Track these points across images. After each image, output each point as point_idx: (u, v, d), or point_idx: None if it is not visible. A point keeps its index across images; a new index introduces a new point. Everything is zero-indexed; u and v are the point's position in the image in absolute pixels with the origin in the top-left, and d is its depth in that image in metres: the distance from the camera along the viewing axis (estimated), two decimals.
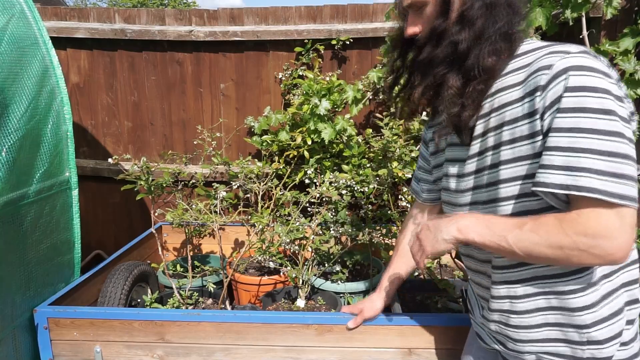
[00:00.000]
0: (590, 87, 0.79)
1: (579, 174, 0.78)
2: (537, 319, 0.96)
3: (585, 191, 0.77)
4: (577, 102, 0.80)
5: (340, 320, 1.57)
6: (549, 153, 0.82)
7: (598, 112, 0.78)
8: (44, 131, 1.81)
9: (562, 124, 0.81)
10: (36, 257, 1.77)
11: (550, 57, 0.86)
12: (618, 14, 2.01)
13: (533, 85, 0.87)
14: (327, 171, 2.43)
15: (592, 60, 0.82)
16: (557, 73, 0.82)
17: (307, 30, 2.68)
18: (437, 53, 0.95)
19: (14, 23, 1.69)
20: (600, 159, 0.77)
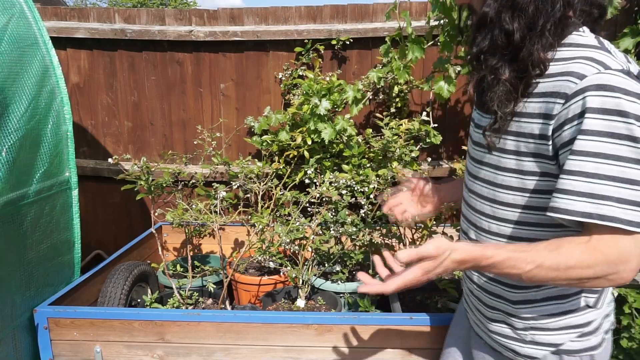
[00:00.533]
0: (621, 111, 0.76)
1: (603, 202, 0.77)
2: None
3: (608, 220, 0.76)
4: (604, 126, 0.77)
5: (340, 320, 1.57)
6: (570, 177, 0.79)
7: (625, 139, 0.76)
8: (44, 131, 1.81)
9: (587, 147, 0.78)
10: (36, 257, 1.77)
11: (586, 64, 0.81)
12: (618, 14, 2.01)
13: (558, 87, 0.83)
14: (327, 171, 2.43)
15: (628, 81, 0.78)
16: (587, 87, 0.79)
17: (307, 30, 2.68)
18: (488, 44, 0.89)
19: (14, 23, 1.69)
20: (623, 187, 0.76)
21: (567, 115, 0.81)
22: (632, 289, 2.40)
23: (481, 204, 1.03)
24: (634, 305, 2.34)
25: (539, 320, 0.99)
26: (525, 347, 1.01)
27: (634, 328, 2.33)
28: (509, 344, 1.04)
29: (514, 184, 0.93)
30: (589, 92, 0.78)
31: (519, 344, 1.02)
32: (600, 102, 0.77)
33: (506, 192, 0.95)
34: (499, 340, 1.05)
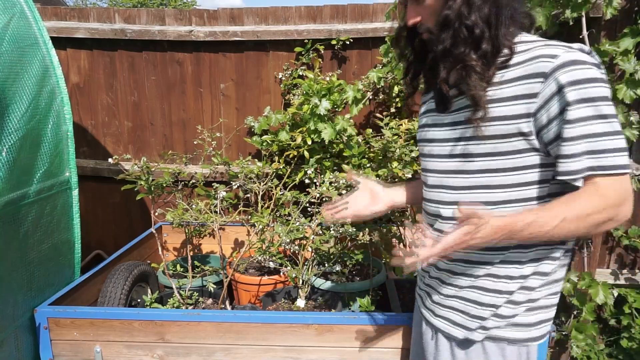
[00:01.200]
0: (594, 78, 0.90)
1: (602, 155, 0.90)
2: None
3: (608, 169, 0.89)
4: (585, 94, 0.90)
5: (340, 320, 1.57)
6: (570, 143, 0.91)
7: (603, 100, 0.90)
8: (44, 131, 1.81)
9: (576, 115, 0.90)
10: (37, 257, 1.77)
11: (553, 47, 0.95)
12: (618, 14, 2.01)
13: (532, 70, 0.95)
14: (327, 171, 2.43)
15: (588, 55, 0.93)
16: (562, 63, 0.91)
17: (307, 30, 2.68)
18: (451, 37, 0.99)
19: (14, 23, 1.69)
20: (613, 139, 0.90)
21: (552, 90, 0.92)
22: (632, 289, 2.41)
23: (450, 195, 1.10)
24: (634, 305, 2.34)
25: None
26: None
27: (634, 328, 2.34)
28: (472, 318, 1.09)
29: (492, 166, 1.01)
30: (566, 67, 0.91)
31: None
32: (577, 75, 0.90)
33: (481, 176, 1.03)
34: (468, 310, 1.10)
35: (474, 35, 0.98)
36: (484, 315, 1.07)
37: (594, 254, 2.37)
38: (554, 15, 2.03)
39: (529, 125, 0.96)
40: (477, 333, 1.08)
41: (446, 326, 1.14)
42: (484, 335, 1.08)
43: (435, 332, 1.17)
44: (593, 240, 2.35)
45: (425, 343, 1.22)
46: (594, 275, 2.33)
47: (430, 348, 1.19)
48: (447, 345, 1.14)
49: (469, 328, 1.09)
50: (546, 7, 1.98)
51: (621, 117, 2.02)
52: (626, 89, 1.96)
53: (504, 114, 0.98)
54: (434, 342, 1.18)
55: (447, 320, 1.14)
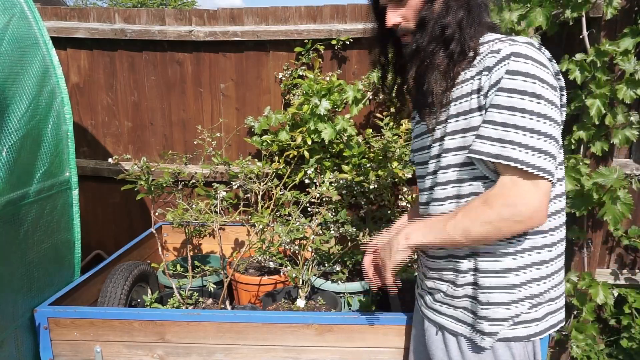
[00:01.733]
0: (527, 73, 0.93)
1: (507, 146, 0.92)
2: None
3: (510, 160, 0.91)
4: (514, 85, 0.93)
5: (340, 320, 1.57)
6: (486, 126, 0.96)
7: (530, 96, 0.92)
8: (44, 131, 1.81)
9: (500, 102, 0.94)
10: (37, 257, 1.77)
11: (499, 43, 1.00)
12: (618, 14, 2.01)
13: (482, 66, 1.00)
14: (327, 171, 2.43)
15: (533, 51, 0.96)
16: (503, 57, 0.95)
17: (307, 30, 2.68)
18: (426, 36, 1.05)
19: (14, 23, 1.69)
20: (527, 135, 0.91)
21: (491, 82, 0.96)
22: (632, 289, 2.41)
23: (430, 192, 1.16)
24: (634, 305, 2.35)
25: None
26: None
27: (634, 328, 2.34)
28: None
29: (459, 161, 1.05)
30: (506, 60, 0.95)
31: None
32: (514, 66, 0.93)
33: (451, 170, 1.08)
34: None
35: (445, 35, 1.03)
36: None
37: (594, 254, 2.37)
38: (554, 15, 2.03)
39: (480, 119, 1.00)
40: (480, 337, 1.08)
41: (451, 323, 1.13)
42: (491, 340, 1.07)
43: (440, 329, 1.18)
44: (593, 240, 2.35)
45: (429, 340, 1.21)
46: (594, 275, 2.33)
47: (437, 344, 1.19)
48: (454, 341, 1.14)
49: (474, 328, 1.09)
50: (546, 7, 1.98)
51: (621, 117, 2.02)
52: (626, 89, 1.96)
53: (466, 109, 1.03)
54: (440, 338, 1.18)
55: (451, 318, 1.14)
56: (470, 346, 1.10)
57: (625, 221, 2.33)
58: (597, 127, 2.07)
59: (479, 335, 1.07)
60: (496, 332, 1.06)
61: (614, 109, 2.03)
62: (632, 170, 2.28)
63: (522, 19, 2.02)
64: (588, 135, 2.07)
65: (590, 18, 2.08)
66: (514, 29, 2.04)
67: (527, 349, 1.08)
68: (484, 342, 1.06)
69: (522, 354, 1.08)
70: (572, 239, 2.30)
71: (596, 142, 2.08)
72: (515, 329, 1.06)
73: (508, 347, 1.07)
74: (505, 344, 1.07)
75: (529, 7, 2.01)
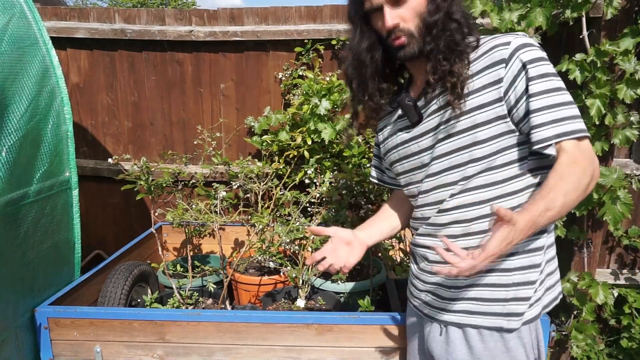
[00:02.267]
0: (543, 57, 1.02)
1: (563, 123, 0.99)
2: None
3: (573, 134, 0.98)
4: (540, 70, 1.00)
5: (340, 320, 1.57)
6: (537, 114, 1.00)
7: (554, 75, 1.02)
8: (44, 131, 1.81)
9: (537, 89, 1.00)
10: (37, 257, 1.77)
11: (503, 37, 1.06)
12: (618, 14, 2.01)
13: (493, 59, 1.05)
14: (327, 171, 2.43)
15: (532, 40, 1.06)
16: (516, 48, 1.02)
17: (307, 30, 2.68)
18: (443, 32, 1.06)
19: (14, 23, 1.69)
20: (569, 108, 1.00)
21: (514, 73, 1.02)
22: (632, 289, 2.41)
23: (437, 194, 1.15)
24: (634, 305, 2.34)
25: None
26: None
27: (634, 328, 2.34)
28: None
29: (476, 155, 1.07)
30: (520, 50, 1.02)
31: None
32: (530, 55, 1.01)
33: (469, 166, 1.08)
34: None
35: (458, 24, 1.06)
36: (508, 297, 1.09)
37: (594, 254, 2.37)
38: (554, 15, 2.03)
39: (503, 108, 1.04)
40: (507, 320, 1.09)
41: (464, 318, 1.13)
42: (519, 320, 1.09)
43: (445, 326, 1.17)
44: (593, 240, 2.35)
45: (431, 341, 1.21)
46: (594, 275, 2.33)
47: (440, 343, 1.18)
48: (461, 336, 1.14)
49: (499, 313, 1.10)
50: (546, 7, 1.98)
51: (621, 117, 2.02)
52: (626, 89, 1.95)
53: (480, 103, 1.06)
54: (444, 337, 1.17)
55: (464, 313, 1.13)
56: (481, 340, 1.11)
57: (625, 221, 2.33)
58: (597, 127, 2.07)
59: (507, 318, 1.09)
60: (524, 311, 1.08)
61: (614, 109, 2.03)
62: (632, 170, 2.28)
63: (522, 19, 2.02)
64: None
65: (590, 18, 2.08)
66: (514, 29, 2.04)
67: (532, 335, 1.11)
68: (511, 323, 1.08)
69: (529, 342, 1.10)
70: (572, 239, 2.30)
71: (596, 142, 2.08)
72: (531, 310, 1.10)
73: (518, 335, 1.09)
74: (515, 333, 1.09)
75: (529, 7, 2.01)
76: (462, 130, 1.08)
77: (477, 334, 1.12)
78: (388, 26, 1.08)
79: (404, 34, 1.09)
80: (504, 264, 1.08)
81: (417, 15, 1.07)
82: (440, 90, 1.11)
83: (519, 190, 1.07)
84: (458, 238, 1.12)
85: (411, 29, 1.08)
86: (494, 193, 1.07)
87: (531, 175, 1.07)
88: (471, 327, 1.12)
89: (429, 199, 1.18)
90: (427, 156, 1.17)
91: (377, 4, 1.08)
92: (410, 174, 1.24)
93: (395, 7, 1.08)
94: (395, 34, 1.09)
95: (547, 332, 1.41)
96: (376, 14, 1.11)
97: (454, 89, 1.05)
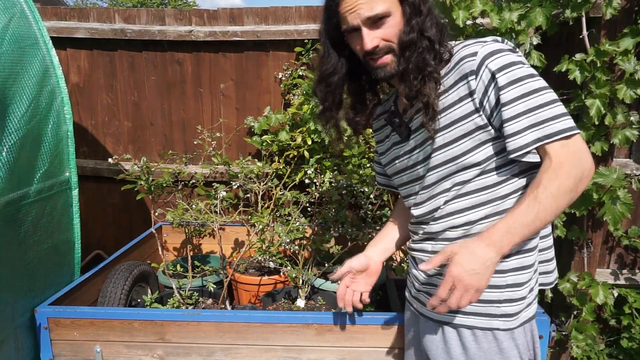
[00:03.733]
0: (512, 62, 0.99)
1: (542, 126, 0.96)
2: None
3: (554, 136, 0.95)
4: (510, 76, 0.98)
5: (340, 320, 1.57)
6: (512, 122, 0.98)
7: (528, 78, 0.98)
8: (44, 131, 1.81)
9: (509, 97, 0.98)
10: (37, 257, 1.77)
11: (470, 46, 1.05)
12: (618, 14, 2.01)
13: (462, 71, 1.04)
14: (327, 171, 2.43)
15: (500, 43, 1.04)
16: (484, 57, 1.01)
17: (307, 30, 2.68)
18: (418, 52, 1.05)
19: (14, 23, 1.69)
20: (549, 108, 0.96)
21: (485, 83, 1.01)
22: (632, 289, 2.41)
23: (431, 203, 1.15)
24: (634, 305, 2.35)
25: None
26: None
27: (634, 328, 2.34)
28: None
29: (465, 165, 1.07)
30: (487, 59, 1.00)
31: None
32: (498, 63, 0.99)
33: (461, 174, 1.08)
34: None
35: (431, 44, 1.05)
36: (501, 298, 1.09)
37: (594, 254, 2.37)
38: (554, 15, 2.03)
39: (482, 118, 1.03)
40: (498, 321, 1.10)
41: (458, 318, 1.13)
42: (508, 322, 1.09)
43: (440, 326, 1.18)
44: (593, 240, 2.35)
45: (427, 341, 1.22)
46: (594, 275, 2.33)
47: (436, 343, 1.19)
48: (455, 336, 1.14)
49: (493, 314, 1.10)
50: (546, 7, 1.98)
51: (621, 117, 2.02)
52: (626, 89, 1.96)
53: (458, 117, 1.05)
54: (439, 337, 1.18)
55: (458, 313, 1.13)
56: (474, 340, 1.11)
57: (625, 221, 2.33)
58: (596, 127, 2.07)
59: (501, 319, 1.09)
60: (518, 311, 1.09)
61: (614, 109, 2.03)
62: (632, 170, 2.28)
63: (522, 19, 2.02)
64: (588, 135, 2.07)
65: (590, 18, 2.08)
66: (514, 28, 2.04)
67: (526, 336, 1.11)
68: (505, 324, 1.09)
69: (524, 343, 1.11)
70: (572, 239, 2.30)
71: (596, 142, 2.08)
72: (527, 311, 1.11)
73: (512, 337, 1.09)
74: (509, 334, 1.09)
75: (529, 7, 2.01)
76: (446, 144, 1.08)
77: (471, 335, 1.12)
78: (367, 48, 1.06)
79: (386, 52, 1.08)
80: (498, 266, 1.08)
81: (396, 34, 1.06)
82: (419, 106, 1.11)
83: (512, 192, 1.07)
84: (454, 241, 1.12)
85: (394, 46, 1.07)
86: (487, 197, 1.08)
87: (524, 176, 1.07)
88: (465, 328, 1.12)
89: (425, 209, 1.18)
90: (421, 169, 1.18)
91: (354, 25, 1.06)
92: (408, 186, 1.26)
93: (373, 29, 1.05)
94: (376, 53, 1.08)
95: (547, 332, 1.42)
96: (353, 35, 1.09)
97: (427, 109, 1.05)
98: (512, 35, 2.05)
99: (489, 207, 1.08)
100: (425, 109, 1.06)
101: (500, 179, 1.06)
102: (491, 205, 1.07)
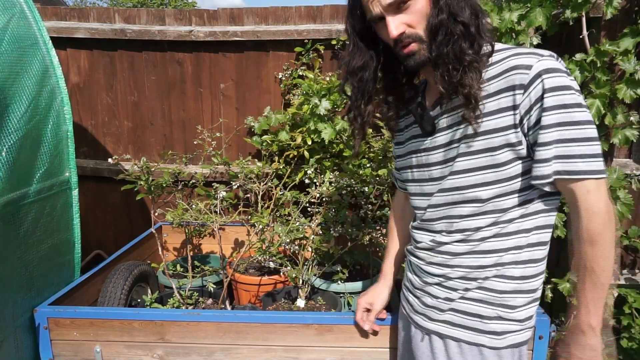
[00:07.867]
0: (564, 86, 0.93)
1: (569, 160, 0.93)
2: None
3: (575, 174, 0.93)
4: (558, 100, 0.92)
5: (340, 320, 1.57)
6: (542, 148, 0.94)
7: (575, 107, 0.93)
8: (44, 131, 1.81)
9: (549, 121, 0.93)
10: (37, 257, 1.77)
11: (524, 57, 0.97)
12: (618, 14, 2.01)
13: (511, 82, 0.97)
14: (327, 171, 2.43)
15: (559, 62, 0.96)
16: (538, 73, 0.94)
17: (307, 30, 2.68)
18: (450, 35, 0.97)
19: (14, 23, 1.69)
20: (583, 145, 0.92)
21: (531, 101, 0.94)
22: (632, 289, 2.40)
23: (448, 210, 1.10)
24: (634, 305, 2.34)
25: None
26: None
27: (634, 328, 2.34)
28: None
29: (489, 179, 1.02)
30: (541, 77, 0.93)
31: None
32: (551, 83, 0.93)
33: (484, 189, 1.03)
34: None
35: (467, 30, 0.97)
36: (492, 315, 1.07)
37: None
38: (554, 15, 2.03)
39: (517, 135, 0.97)
40: (487, 338, 1.08)
41: (445, 329, 1.13)
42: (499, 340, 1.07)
43: (427, 334, 1.17)
44: None
45: (415, 347, 1.21)
46: None
47: (422, 349, 1.18)
48: (442, 346, 1.13)
49: (480, 330, 1.08)
50: (546, 7, 1.98)
51: (621, 117, 2.02)
52: (626, 88, 1.96)
53: (492, 127, 1.00)
54: (425, 344, 1.17)
55: (446, 323, 1.13)
56: (460, 353, 1.10)
57: (625, 221, 2.32)
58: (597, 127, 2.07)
59: (488, 336, 1.07)
60: (506, 331, 1.06)
61: (614, 109, 2.03)
62: (632, 170, 2.28)
63: (522, 19, 2.02)
64: None
65: (590, 18, 2.08)
66: (514, 28, 2.04)
67: (514, 358, 1.09)
68: (492, 342, 1.07)
69: None
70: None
71: None
72: (520, 334, 1.08)
73: (498, 356, 1.07)
74: (495, 353, 1.07)
75: (529, 7, 2.01)
76: (478, 151, 1.02)
77: (457, 347, 1.10)
78: (393, 36, 1.01)
79: (412, 40, 1.01)
80: (496, 285, 1.06)
81: (423, 18, 1.00)
82: (455, 104, 1.04)
83: (530, 213, 1.03)
84: (462, 255, 1.09)
85: (419, 33, 1.01)
86: (506, 216, 1.03)
87: (541, 201, 1.03)
88: (452, 340, 1.11)
89: (438, 214, 1.13)
90: (436, 170, 1.12)
91: (378, 14, 1.01)
92: (420, 184, 1.19)
93: (397, 14, 1.00)
94: (403, 41, 1.02)
95: (547, 332, 1.42)
96: (379, 24, 1.04)
97: (468, 101, 0.98)
98: (512, 35, 2.05)
99: (498, 227, 1.05)
100: (467, 102, 0.98)
101: (519, 202, 1.02)
102: (501, 225, 1.05)
